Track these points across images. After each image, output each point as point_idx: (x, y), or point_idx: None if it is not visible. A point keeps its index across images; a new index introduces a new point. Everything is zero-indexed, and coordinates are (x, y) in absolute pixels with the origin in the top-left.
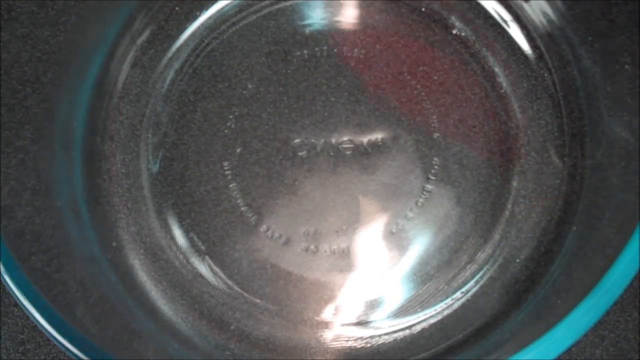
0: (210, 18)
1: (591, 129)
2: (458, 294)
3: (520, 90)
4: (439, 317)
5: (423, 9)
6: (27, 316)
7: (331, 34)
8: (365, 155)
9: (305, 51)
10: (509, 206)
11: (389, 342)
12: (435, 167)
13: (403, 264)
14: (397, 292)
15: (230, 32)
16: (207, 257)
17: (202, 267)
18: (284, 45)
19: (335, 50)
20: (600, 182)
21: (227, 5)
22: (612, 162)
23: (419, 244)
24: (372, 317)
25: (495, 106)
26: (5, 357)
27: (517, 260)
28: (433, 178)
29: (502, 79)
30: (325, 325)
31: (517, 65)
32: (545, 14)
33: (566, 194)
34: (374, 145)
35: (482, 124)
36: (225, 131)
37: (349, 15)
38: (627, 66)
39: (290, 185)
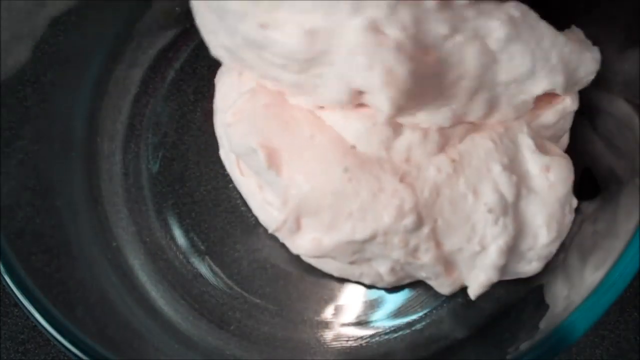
0: None
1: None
2: (458, 294)
3: None
4: (439, 317)
5: None
6: (27, 316)
7: None
8: None
9: None
10: None
11: (389, 342)
12: None
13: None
14: (397, 292)
15: None
16: (207, 257)
17: (202, 267)
18: None
19: None
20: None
21: None
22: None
23: None
24: (372, 317)
25: None
26: (5, 357)
27: None
28: None
29: None
30: (325, 325)
31: None
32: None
33: None
34: None
35: None
36: None
37: None
38: (627, 66)
39: None
